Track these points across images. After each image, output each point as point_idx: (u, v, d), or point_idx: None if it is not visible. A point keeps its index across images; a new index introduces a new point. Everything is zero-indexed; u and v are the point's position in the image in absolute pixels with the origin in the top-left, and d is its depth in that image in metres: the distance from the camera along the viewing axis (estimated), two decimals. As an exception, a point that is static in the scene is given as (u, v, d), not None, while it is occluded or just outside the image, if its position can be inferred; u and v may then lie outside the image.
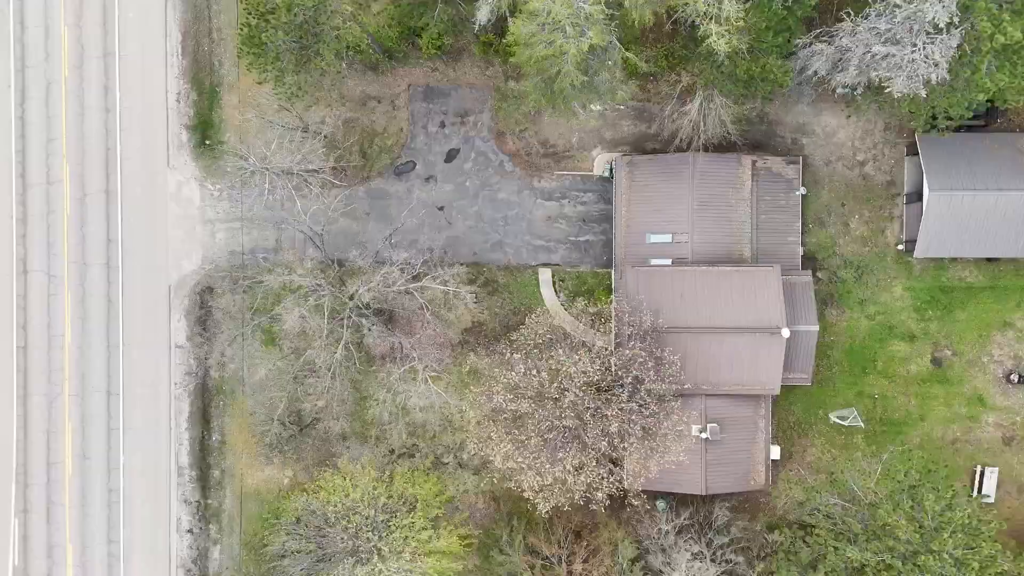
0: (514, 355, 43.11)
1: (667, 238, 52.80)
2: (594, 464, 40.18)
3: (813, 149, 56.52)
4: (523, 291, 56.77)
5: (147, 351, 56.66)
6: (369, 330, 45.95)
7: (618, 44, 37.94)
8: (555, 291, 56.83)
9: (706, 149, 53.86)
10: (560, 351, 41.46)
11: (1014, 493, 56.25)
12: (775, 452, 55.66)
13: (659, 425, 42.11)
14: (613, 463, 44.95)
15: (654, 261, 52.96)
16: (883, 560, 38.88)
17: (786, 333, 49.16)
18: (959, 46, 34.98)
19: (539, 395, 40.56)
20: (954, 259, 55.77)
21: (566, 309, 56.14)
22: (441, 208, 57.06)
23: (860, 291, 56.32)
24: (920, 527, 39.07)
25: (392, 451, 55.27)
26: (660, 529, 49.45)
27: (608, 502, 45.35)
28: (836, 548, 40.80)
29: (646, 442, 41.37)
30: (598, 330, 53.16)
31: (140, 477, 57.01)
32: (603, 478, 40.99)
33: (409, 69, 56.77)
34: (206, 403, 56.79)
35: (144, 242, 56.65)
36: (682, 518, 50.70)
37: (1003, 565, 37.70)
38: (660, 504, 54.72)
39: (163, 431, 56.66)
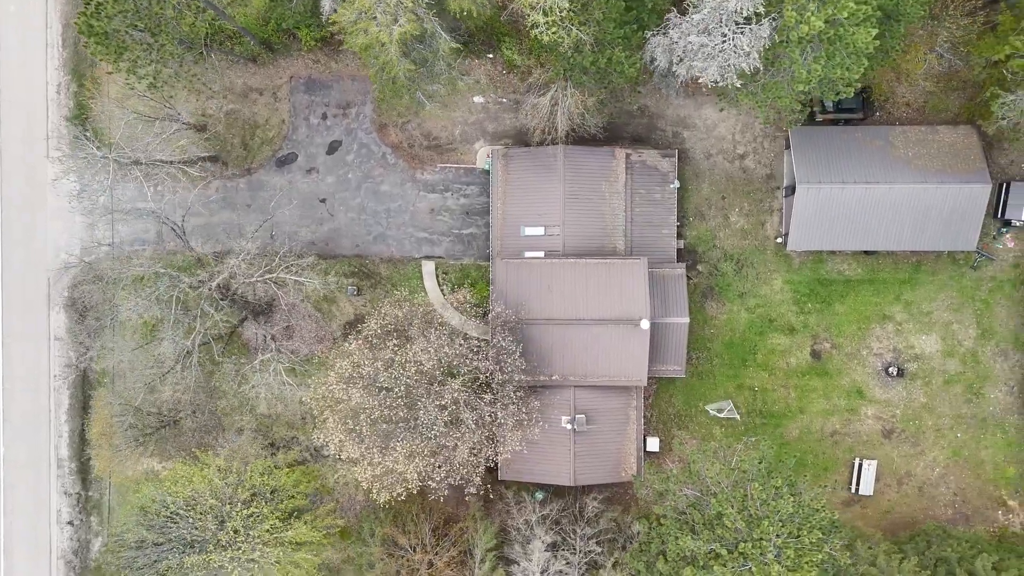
0: (349, 344, 43.11)
1: (540, 231, 52.88)
2: (427, 453, 40.20)
3: (694, 142, 56.67)
4: (406, 283, 56.76)
5: (27, 344, 56.51)
6: (221, 321, 45.79)
7: (443, 33, 37.93)
8: (438, 283, 56.86)
9: (583, 142, 54.13)
10: (394, 341, 41.45)
11: (894, 486, 56.53)
12: (654, 444, 55.96)
13: (496, 415, 42.11)
14: (473, 453, 44.97)
15: (528, 253, 53.03)
16: (713, 549, 39.04)
17: (645, 325, 49.29)
18: (770, 36, 35.09)
19: (371, 384, 40.56)
20: (833, 252, 56.01)
21: (448, 300, 56.29)
22: (323, 200, 57.02)
23: (740, 284, 56.50)
24: (748, 517, 39.24)
25: (272, 443, 55.32)
26: (526, 520, 49.55)
27: (480, 492, 45.52)
28: (677, 538, 40.92)
29: (479, 431, 41.36)
30: (472, 319, 53.31)
31: (21, 469, 56.84)
32: (436, 467, 40.99)
33: (291, 61, 56.69)
34: (86, 395, 56.67)
35: (23, 234, 56.50)
36: (548, 509, 50.82)
37: (819, 555, 37.77)
38: (538, 495, 54.93)
39: (43, 423, 56.51)
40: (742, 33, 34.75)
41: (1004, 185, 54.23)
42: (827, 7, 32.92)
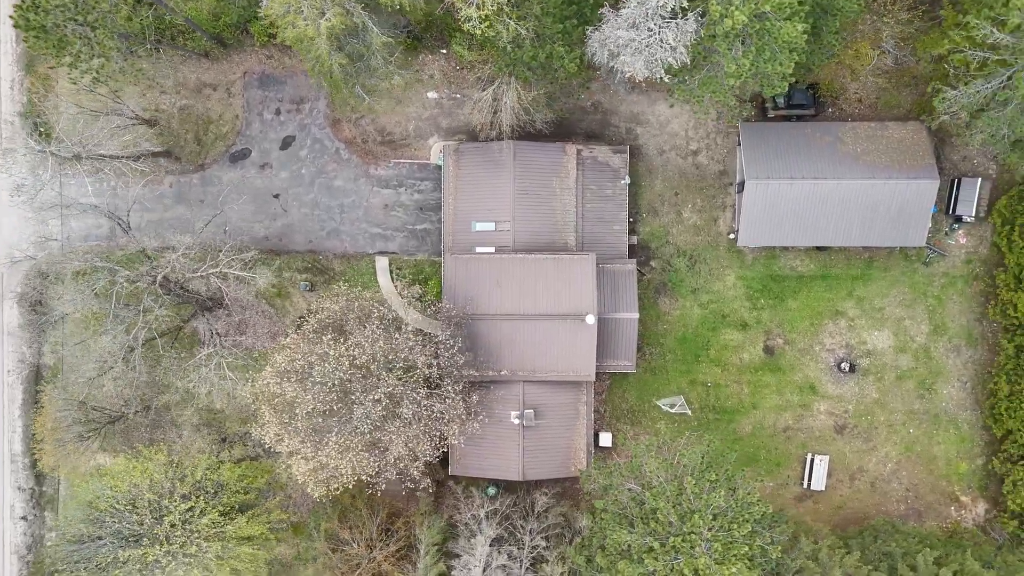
0: (287, 338, 43.14)
1: (490, 226, 52.93)
2: (361, 447, 40.22)
3: (647, 139, 56.73)
4: (360, 279, 56.78)
5: (-20, 338, 56.49)
6: (162, 316, 45.79)
7: (374, 27, 37.92)
8: (392, 279, 56.89)
9: (536, 138, 54.18)
10: (328, 335, 41.48)
11: (846, 481, 56.65)
12: (607, 439, 56.05)
13: (433, 409, 42.13)
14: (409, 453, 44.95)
15: (479, 249, 53.06)
16: (646, 543, 39.13)
17: (591, 320, 49.37)
18: (696, 31, 35.14)
19: (305, 378, 40.60)
20: (785, 248, 56.11)
21: (402, 296, 56.33)
22: (277, 196, 57.02)
23: (693, 280, 56.59)
24: (682, 510, 39.32)
25: (224, 439, 55.36)
26: (474, 515, 49.61)
27: (421, 487, 45.67)
28: (614, 531, 41.01)
29: (414, 425, 41.41)
30: (426, 315, 53.39)
31: (-25, 464, 56.87)
32: (370, 462, 40.97)
33: (244, 56, 56.67)
34: (40, 390, 56.62)
35: (-24, 229, 56.46)
36: (497, 503, 50.88)
37: (745, 547, 37.87)
38: (491, 490, 55.01)
39: (-4, 418, 56.51)
40: (667, 28, 34.82)
41: (955, 181, 54.33)
42: (751, 1, 32.98)
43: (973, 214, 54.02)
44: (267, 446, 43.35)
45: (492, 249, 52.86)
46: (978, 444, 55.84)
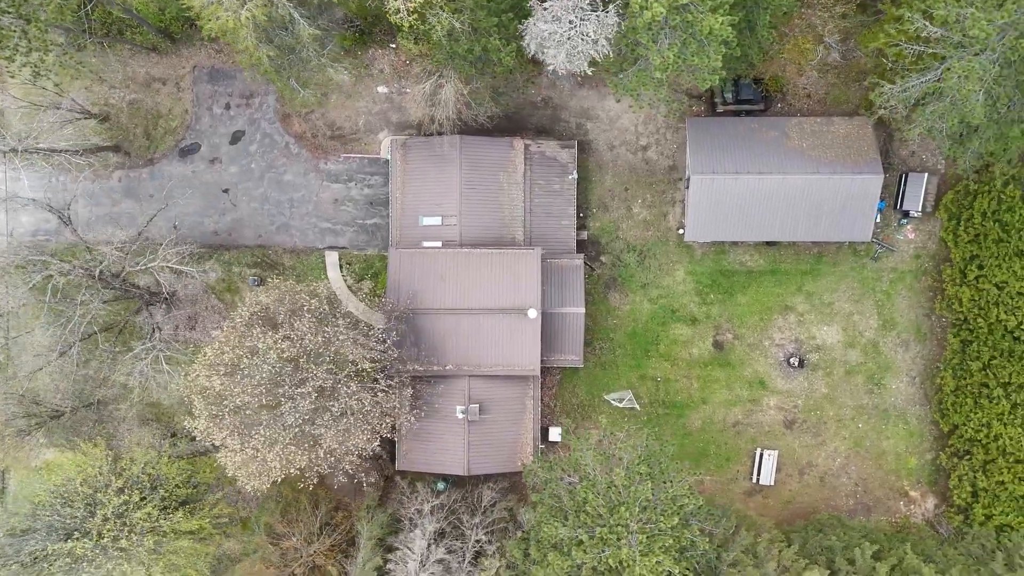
0: (214, 331, 43.09)
1: (437, 220, 52.89)
2: (288, 440, 40.16)
3: (597, 134, 56.75)
4: (310, 274, 56.71)
5: (-70, 333, 56.21)
6: (98, 310, 45.65)
7: (302, 21, 37.85)
8: (342, 274, 56.83)
9: (484, 133, 54.17)
10: (257, 328, 41.43)
11: (796, 476, 56.75)
12: (556, 434, 56.03)
13: (364, 403, 42.08)
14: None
15: (426, 243, 53.03)
16: (576, 535, 39.16)
17: (533, 314, 49.38)
18: (617, 24, 35.15)
19: (233, 371, 40.55)
20: (735, 243, 56.18)
21: (352, 291, 56.31)
22: (226, 190, 56.90)
23: (643, 275, 56.61)
24: (610, 502, 39.37)
25: (174, 433, 55.20)
26: (417, 509, 49.59)
27: (356, 481, 45.58)
28: (547, 524, 41.04)
29: (345, 419, 41.38)
30: (375, 310, 53.36)
31: (-75, 459, 56.58)
32: (299, 456, 40.90)
33: (193, 51, 56.53)
34: (-12, 386, 56.45)
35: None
36: (443, 498, 50.87)
37: (670, 539, 37.92)
38: (440, 485, 55.03)
39: (-54, 413, 56.20)
40: (588, 21, 34.81)
41: (903, 176, 54.47)
42: (670, -5, 33.01)
43: (920, 209, 54.14)
44: (199, 439, 43.19)
45: (439, 243, 52.84)
46: (927, 439, 55.98)
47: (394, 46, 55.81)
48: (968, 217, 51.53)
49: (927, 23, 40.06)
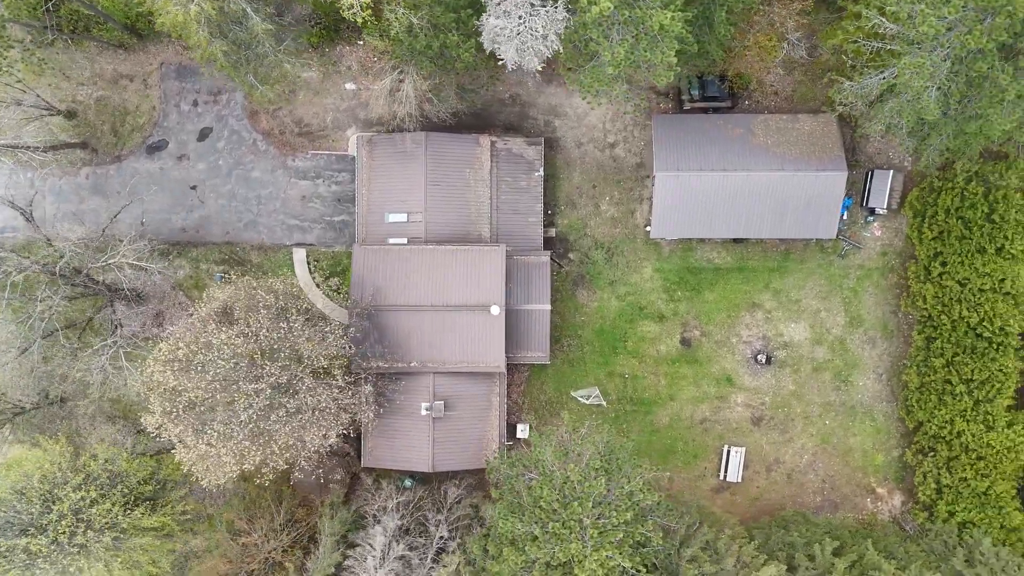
0: (168, 327, 43.06)
1: (403, 217, 52.89)
2: (242, 436, 40.12)
3: (565, 131, 56.78)
4: (277, 271, 56.67)
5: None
6: (57, 307, 45.59)
7: (255, 16, 37.79)
8: (310, 271, 56.80)
9: (454, 130, 54.21)
10: (212, 325, 41.42)
11: (763, 472, 56.83)
12: (523, 430, 56.05)
13: (320, 399, 42.06)
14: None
15: (392, 240, 53.05)
16: (531, 531, 39.20)
17: (495, 311, 49.41)
18: (565, 19, 35.15)
19: (187, 367, 40.52)
20: (702, 241, 56.25)
21: (320, 288, 56.30)
22: (194, 187, 56.84)
23: (611, 272, 56.65)
24: (564, 498, 39.40)
25: (141, 430, 55.10)
26: (381, 506, 49.58)
27: (314, 477, 45.44)
28: (505, 520, 41.07)
29: (299, 415, 41.35)
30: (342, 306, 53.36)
31: None
32: (251, 450, 40.88)
33: (161, 47, 56.48)
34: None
35: None
36: (408, 495, 50.87)
37: (620, 533, 37.96)
38: (407, 482, 55.06)
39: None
40: (536, 16, 34.84)
41: (869, 173, 54.57)
42: (616, -11, 33.01)
43: (885, 206, 54.23)
44: (153, 435, 43.15)
45: (405, 240, 52.85)
46: (894, 436, 56.09)
47: (362, 43, 55.79)
48: (932, 214, 51.61)
49: (883, 20, 40.18)
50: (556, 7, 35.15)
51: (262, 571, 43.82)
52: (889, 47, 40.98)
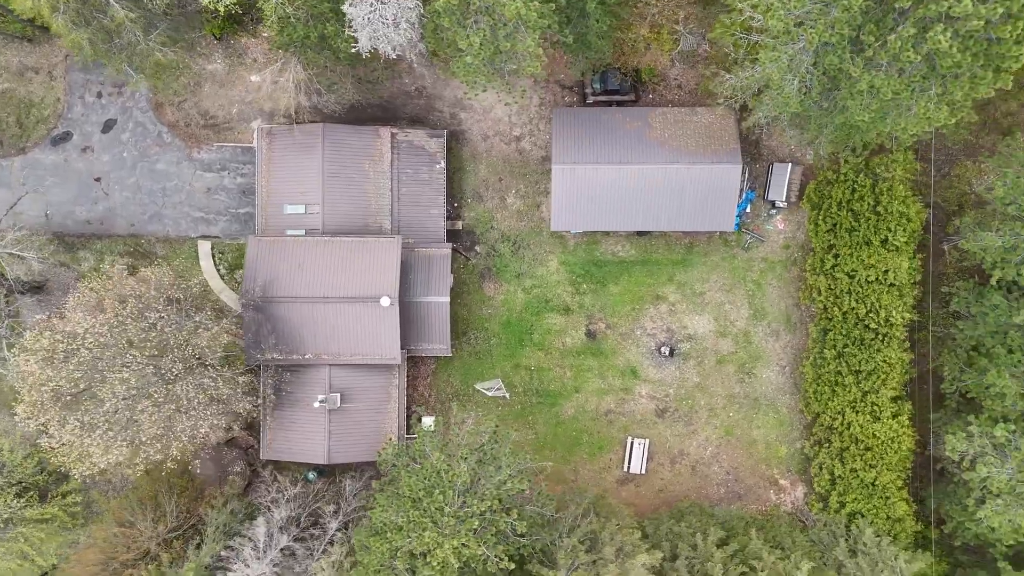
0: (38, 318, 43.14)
1: (301, 209, 52.94)
2: (107, 426, 40.21)
3: (471, 124, 56.91)
4: (183, 263, 56.65)
5: None
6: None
7: (114, 3, 37.77)
8: (215, 263, 56.81)
9: (357, 122, 54.27)
10: (79, 314, 41.46)
11: (667, 464, 57.11)
12: (429, 422, 56.13)
13: (189, 391, 42.12)
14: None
15: (290, 232, 53.09)
16: (396, 520, 39.40)
17: (386, 302, 49.53)
18: (417, 7, 35.25)
19: (50, 356, 40.60)
20: (607, 234, 56.46)
21: (225, 281, 56.34)
22: (98, 179, 56.77)
23: (517, 265, 56.83)
24: (429, 487, 39.60)
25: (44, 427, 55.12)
26: (273, 499, 49.66)
27: (191, 468, 45.49)
28: (382, 510, 41.26)
29: (166, 407, 41.41)
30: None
31: None
32: (115, 441, 40.93)
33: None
34: None
35: None
36: (301, 487, 51.01)
37: (476, 522, 38.20)
38: (311, 475, 55.16)
39: None
40: (387, 4, 34.97)
41: (769, 166, 54.87)
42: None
43: (784, 199, 54.57)
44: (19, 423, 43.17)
45: (303, 232, 52.91)
46: (796, 428, 56.44)
47: (266, 35, 55.78)
48: (827, 207, 51.93)
49: (754, 13, 40.40)
50: (407, -4, 35.34)
51: (134, 561, 43.89)
52: (760, 41, 41.23)
